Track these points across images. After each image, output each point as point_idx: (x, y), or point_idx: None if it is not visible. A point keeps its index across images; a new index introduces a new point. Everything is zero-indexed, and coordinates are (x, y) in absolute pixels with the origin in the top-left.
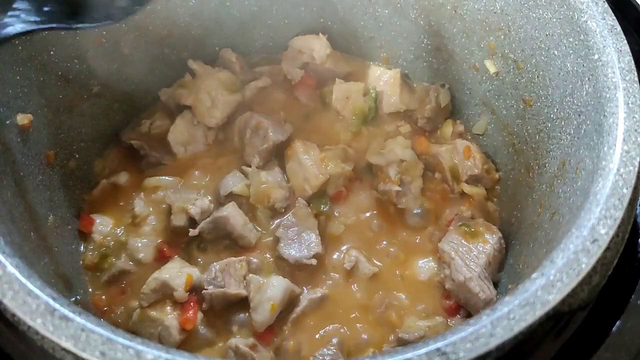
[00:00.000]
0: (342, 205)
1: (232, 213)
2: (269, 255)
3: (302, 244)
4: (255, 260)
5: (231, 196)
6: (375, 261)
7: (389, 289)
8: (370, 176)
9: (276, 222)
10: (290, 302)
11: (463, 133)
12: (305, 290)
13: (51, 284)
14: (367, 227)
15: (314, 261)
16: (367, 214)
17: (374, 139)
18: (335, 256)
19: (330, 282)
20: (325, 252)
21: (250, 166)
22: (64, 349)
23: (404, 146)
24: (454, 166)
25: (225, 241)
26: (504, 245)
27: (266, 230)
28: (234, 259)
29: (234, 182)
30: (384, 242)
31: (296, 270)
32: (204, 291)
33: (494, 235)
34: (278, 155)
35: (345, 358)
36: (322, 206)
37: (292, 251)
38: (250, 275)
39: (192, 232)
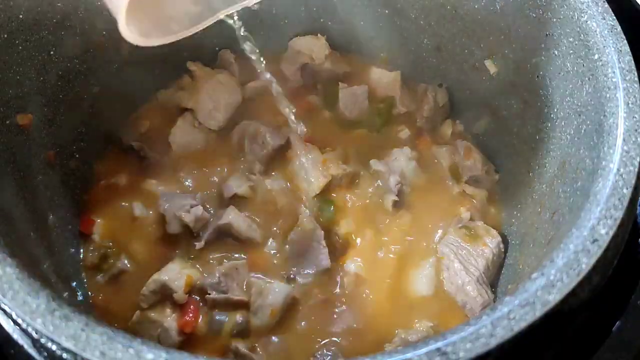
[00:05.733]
0: (344, 206)
1: (234, 219)
2: (273, 256)
3: (309, 258)
4: (259, 259)
5: (235, 198)
6: (377, 266)
7: (389, 290)
8: (371, 179)
9: (280, 221)
10: (291, 306)
11: (463, 133)
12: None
13: (51, 284)
14: (368, 229)
15: (321, 275)
16: (368, 216)
17: (374, 142)
18: (338, 261)
19: (333, 286)
20: (331, 262)
21: (253, 173)
22: (64, 349)
23: (409, 157)
24: (454, 167)
25: (228, 239)
26: (503, 250)
27: (271, 229)
28: (236, 262)
29: (237, 184)
30: (385, 246)
31: (304, 277)
32: (207, 296)
33: (494, 239)
34: (279, 158)
35: (345, 358)
36: (327, 211)
37: (300, 268)
38: (253, 278)
39: (199, 245)
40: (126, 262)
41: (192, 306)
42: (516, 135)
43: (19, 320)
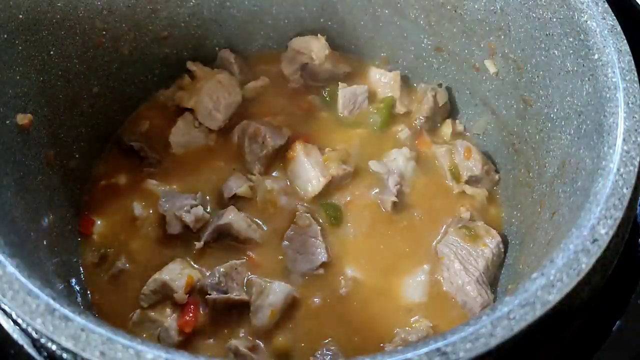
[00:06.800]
0: (344, 207)
1: (234, 219)
2: (272, 256)
3: (307, 255)
4: (258, 258)
5: (235, 198)
6: (375, 267)
7: (388, 292)
8: (371, 179)
9: (280, 221)
10: (291, 305)
11: (463, 133)
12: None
13: (51, 284)
14: (368, 230)
15: (321, 271)
16: (369, 217)
17: (374, 142)
18: (337, 262)
19: (332, 287)
20: (331, 258)
21: (253, 173)
22: (64, 349)
23: (408, 157)
24: (454, 166)
25: (228, 238)
26: (503, 250)
27: (270, 229)
28: (236, 262)
29: (237, 184)
30: (384, 248)
31: (303, 277)
32: (207, 296)
33: (494, 240)
34: (279, 158)
35: (345, 358)
36: (328, 211)
37: (298, 265)
38: (254, 277)
39: (198, 245)
40: (126, 262)
41: (192, 306)
42: (516, 135)
43: (19, 320)
